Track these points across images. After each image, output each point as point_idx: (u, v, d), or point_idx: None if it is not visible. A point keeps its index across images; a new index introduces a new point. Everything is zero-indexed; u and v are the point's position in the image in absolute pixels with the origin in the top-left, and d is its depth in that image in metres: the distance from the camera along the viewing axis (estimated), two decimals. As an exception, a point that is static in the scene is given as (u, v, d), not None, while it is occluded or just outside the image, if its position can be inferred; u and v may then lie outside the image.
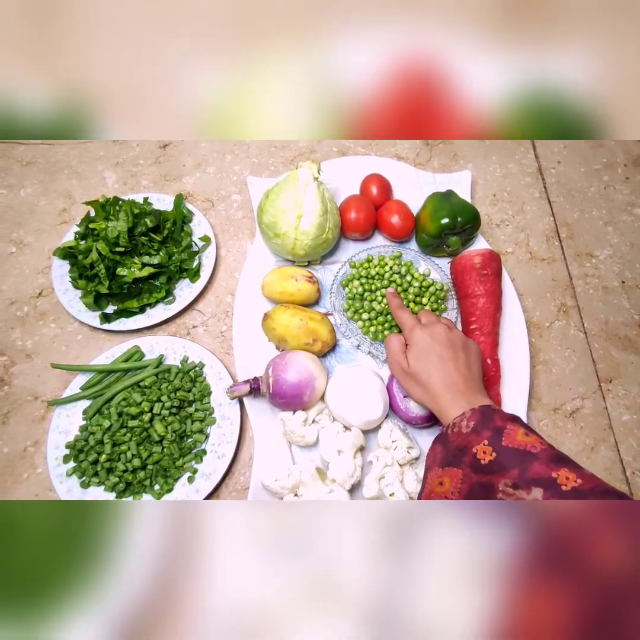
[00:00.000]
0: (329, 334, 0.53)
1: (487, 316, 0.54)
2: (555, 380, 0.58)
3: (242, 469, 0.52)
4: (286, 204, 0.55)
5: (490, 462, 0.36)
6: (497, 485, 0.35)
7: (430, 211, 0.59)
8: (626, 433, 0.55)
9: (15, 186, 0.70)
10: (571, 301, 0.63)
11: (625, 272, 0.66)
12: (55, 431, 0.51)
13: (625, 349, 0.60)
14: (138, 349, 0.55)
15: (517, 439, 0.36)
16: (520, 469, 0.34)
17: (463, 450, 0.38)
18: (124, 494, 0.48)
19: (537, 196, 0.72)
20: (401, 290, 0.58)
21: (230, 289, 0.62)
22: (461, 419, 0.40)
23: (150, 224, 0.58)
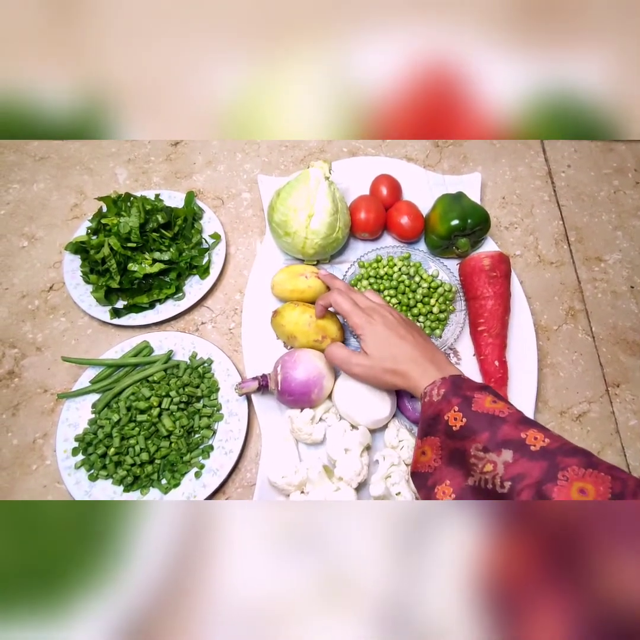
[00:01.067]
0: (338, 331, 0.53)
1: (496, 318, 0.54)
2: (562, 383, 0.58)
3: (249, 466, 0.52)
4: (297, 203, 0.55)
5: (461, 428, 0.37)
6: (469, 450, 0.36)
7: (440, 212, 0.59)
8: (633, 438, 0.55)
9: (28, 181, 0.71)
10: (579, 305, 0.63)
11: (634, 277, 0.65)
12: (64, 424, 0.51)
13: (634, 354, 0.60)
14: (147, 344, 0.55)
15: (486, 405, 0.38)
16: (490, 432, 0.35)
17: (436, 419, 0.39)
18: (132, 487, 0.49)
19: (547, 199, 0.72)
20: (409, 291, 0.58)
21: (239, 286, 0.63)
22: (432, 387, 0.41)
23: (161, 220, 0.59)
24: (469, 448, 0.36)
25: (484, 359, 0.54)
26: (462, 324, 0.57)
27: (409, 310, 0.57)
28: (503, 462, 0.34)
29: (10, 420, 0.54)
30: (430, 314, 0.57)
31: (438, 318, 0.57)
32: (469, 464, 0.36)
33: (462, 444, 0.37)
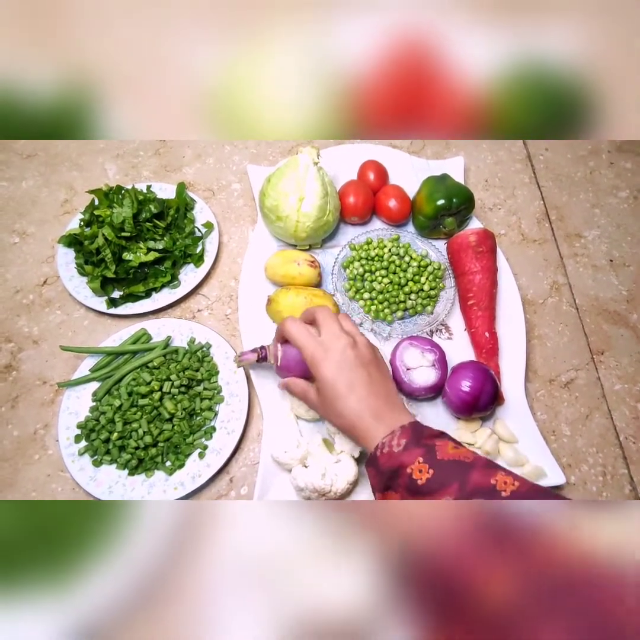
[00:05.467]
0: (334, 307, 0.55)
1: (484, 292, 0.56)
2: (550, 353, 0.60)
3: (252, 445, 0.53)
4: (288, 187, 0.56)
5: (427, 481, 0.34)
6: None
7: (426, 193, 0.61)
8: (618, 401, 0.57)
9: (17, 178, 0.71)
10: (563, 279, 0.66)
11: (612, 251, 0.68)
12: (65, 412, 0.52)
13: (615, 323, 0.63)
14: (145, 332, 0.56)
15: (449, 451, 0.35)
16: (459, 481, 0.33)
17: (397, 472, 0.36)
18: (136, 470, 0.49)
19: (527, 181, 0.74)
20: (400, 271, 0.60)
21: (234, 273, 0.64)
22: (391, 437, 0.37)
23: (154, 209, 0.59)
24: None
25: (474, 332, 0.56)
26: (452, 300, 0.59)
27: (401, 288, 0.59)
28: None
29: (9, 412, 0.54)
30: (421, 291, 0.59)
31: (429, 295, 0.59)
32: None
33: (431, 499, 0.33)
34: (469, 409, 0.49)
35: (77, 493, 0.50)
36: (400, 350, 0.53)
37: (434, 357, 0.52)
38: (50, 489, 0.50)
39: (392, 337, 0.58)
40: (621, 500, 0.51)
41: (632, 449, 0.54)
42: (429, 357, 0.52)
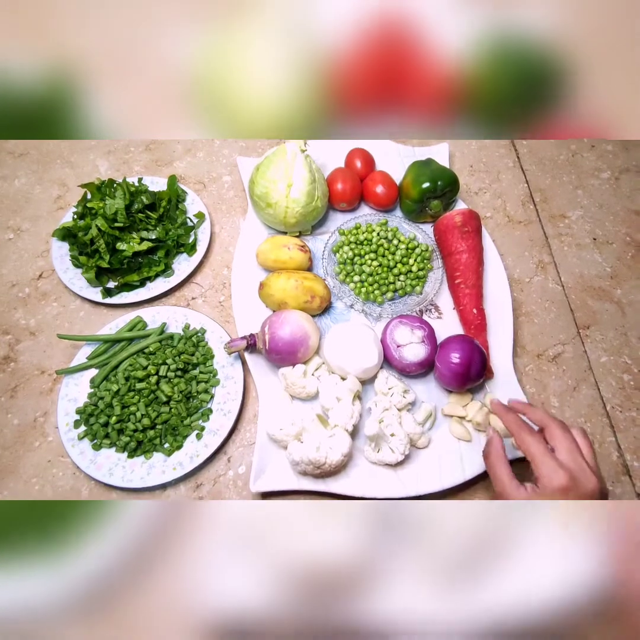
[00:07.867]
0: (324, 289, 0.56)
1: (471, 270, 0.58)
2: (537, 329, 0.62)
3: (248, 426, 0.54)
4: (276, 175, 0.58)
5: None
6: None
7: (412, 177, 0.62)
8: (604, 373, 0.59)
9: (9, 177, 0.72)
10: (548, 258, 0.67)
11: (595, 229, 0.70)
12: (64, 399, 0.53)
13: (600, 299, 0.64)
14: (141, 319, 0.57)
15: None
16: None
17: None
18: (135, 452, 0.50)
19: (511, 165, 0.76)
20: (389, 254, 0.61)
21: (226, 262, 0.65)
22: None
23: (146, 201, 0.61)
24: None
25: (463, 309, 0.57)
26: (440, 280, 0.61)
27: (390, 270, 0.60)
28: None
29: (9, 402, 0.55)
30: (410, 272, 0.60)
31: (417, 276, 0.60)
32: None
33: None
34: (462, 380, 0.50)
35: (78, 477, 0.51)
36: (391, 329, 0.54)
37: (423, 333, 0.54)
38: (51, 474, 0.51)
39: (383, 318, 0.59)
40: None
41: (619, 417, 0.56)
42: (418, 333, 0.54)
